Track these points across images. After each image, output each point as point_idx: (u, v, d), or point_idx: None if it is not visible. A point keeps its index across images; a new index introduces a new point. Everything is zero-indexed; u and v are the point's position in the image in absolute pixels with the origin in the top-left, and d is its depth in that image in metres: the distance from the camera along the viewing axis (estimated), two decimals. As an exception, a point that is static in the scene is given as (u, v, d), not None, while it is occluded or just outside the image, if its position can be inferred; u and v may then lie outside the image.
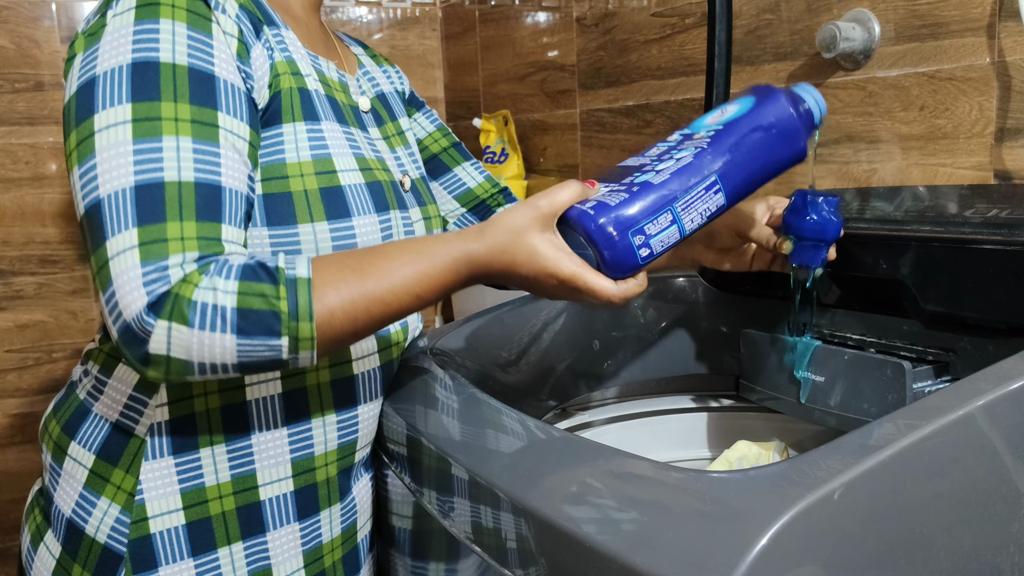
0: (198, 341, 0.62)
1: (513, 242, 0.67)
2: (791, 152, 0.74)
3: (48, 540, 0.79)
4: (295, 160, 0.75)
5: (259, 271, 0.64)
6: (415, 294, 0.68)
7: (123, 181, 0.64)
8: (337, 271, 0.66)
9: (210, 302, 0.62)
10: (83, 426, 0.78)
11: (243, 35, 0.72)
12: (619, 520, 0.53)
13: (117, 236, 0.63)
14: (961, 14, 1.00)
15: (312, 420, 0.80)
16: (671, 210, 0.68)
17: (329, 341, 0.66)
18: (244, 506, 0.78)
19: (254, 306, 0.63)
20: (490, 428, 0.71)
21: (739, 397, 1.06)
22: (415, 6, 2.17)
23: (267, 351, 0.64)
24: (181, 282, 0.62)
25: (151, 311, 0.62)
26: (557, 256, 0.67)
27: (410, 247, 0.69)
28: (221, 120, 0.68)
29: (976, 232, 0.79)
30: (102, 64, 0.67)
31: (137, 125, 0.65)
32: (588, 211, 0.67)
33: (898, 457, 0.51)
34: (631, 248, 0.67)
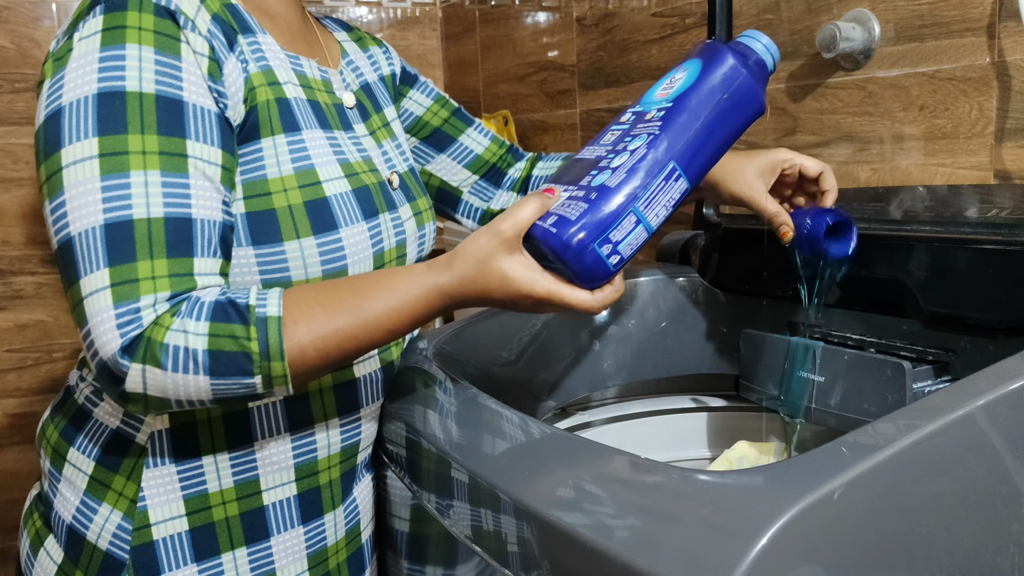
0: (172, 382, 0.64)
1: (483, 271, 0.67)
2: (748, 112, 0.71)
3: (49, 546, 0.78)
4: (277, 175, 0.73)
5: (229, 310, 0.65)
6: (387, 329, 0.68)
7: (92, 219, 0.64)
8: (308, 308, 0.66)
9: (181, 345, 0.63)
10: (82, 432, 0.78)
11: (215, 52, 0.70)
12: (619, 520, 0.53)
13: (89, 276, 0.64)
14: (961, 14, 1.00)
15: (315, 425, 0.80)
16: (633, 211, 0.66)
17: (302, 376, 0.67)
18: (247, 512, 0.77)
19: (225, 348, 0.64)
20: (490, 428, 0.71)
21: (739, 397, 1.06)
22: (415, 6, 2.17)
23: (241, 388, 0.65)
24: (153, 325, 0.63)
25: (125, 354, 0.63)
26: (530, 277, 0.67)
27: (382, 282, 0.69)
28: (190, 148, 0.67)
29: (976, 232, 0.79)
30: (68, 94, 0.66)
31: (104, 160, 0.64)
32: (551, 229, 0.66)
33: (898, 457, 0.51)
34: (600, 259, 0.65)
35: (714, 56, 0.70)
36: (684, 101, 0.69)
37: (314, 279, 0.74)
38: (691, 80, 0.70)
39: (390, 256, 0.81)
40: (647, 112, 0.71)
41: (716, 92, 0.69)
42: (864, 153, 1.14)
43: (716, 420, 1.08)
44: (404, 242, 0.83)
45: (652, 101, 0.71)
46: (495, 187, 1.05)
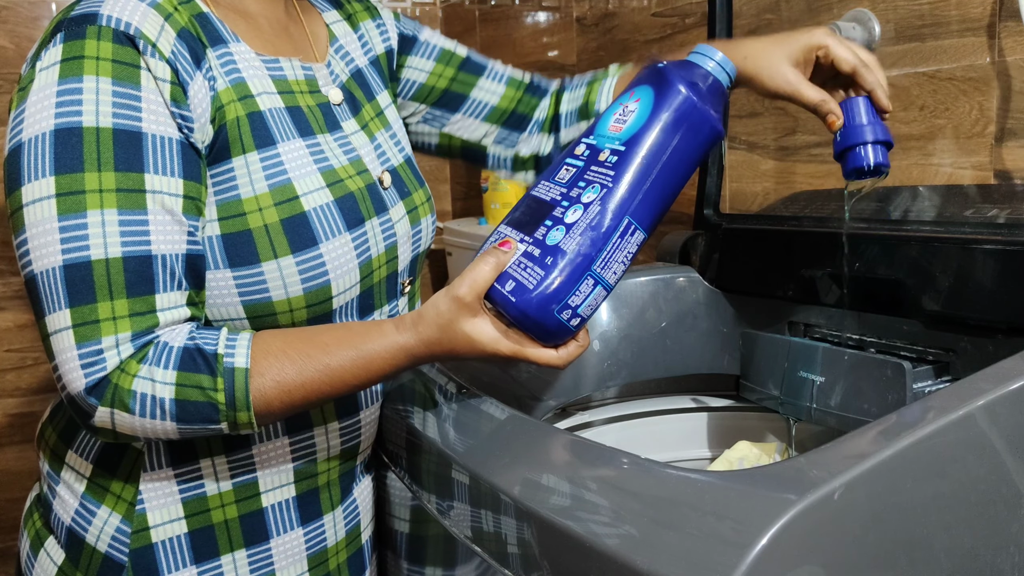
0: (140, 425, 0.66)
1: (447, 335, 0.68)
2: (705, 142, 0.68)
3: (49, 547, 0.78)
4: (251, 194, 0.72)
5: (197, 359, 0.66)
6: (352, 385, 0.70)
7: (52, 260, 0.65)
8: (276, 360, 0.67)
9: (149, 393, 0.65)
10: (80, 434, 0.78)
11: (178, 75, 0.68)
12: (619, 520, 0.53)
13: (52, 315, 0.65)
14: (961, 14, 1.00)
15: (314, 428, 0.79)
16: (590, 274, 0.65)
17: (268, 420, 0.69)
18: (246, 514, 0.77)
19: (192, 398, 0.66)
20: (490, 429, 0.71)
21: (739, 397, 1.06)
22: (415, 6, 2.17)
23: (208, 432, 0.68)
24: (118, 370, 0.65)
25: (91, 395, 0.65)
26: (494, 338, 0.68)
27: (350, 340, 0.70)
28: (149, 182, 0.67)
29: (976, 232, 0.79)
30: (27, 130, 0.66)
31: (61, 200, 0.64)
32: (510, 297, 0.66)
33: (898, 457, 0.51)
34: (561, 324, 0.66)
35: (666, 88, 0.67)
36: (636, 144, 0.66)
37: (295, 299, 0.73)
38: (644, 116, 0.67)
39: (379, 263, 0.79)
40: (601, 150, 0.69)
41: (670, 131, 0.66)
42: (864, 153, 1.14)
43: (716, 420, 1.08)
44: (395, 245, 0.82)
45: (605, 136, 0.69)
46: (519, 132, 1.00)
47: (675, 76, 0.68)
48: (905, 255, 0.84)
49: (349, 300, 0.78)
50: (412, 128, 0.99)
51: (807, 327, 0.98)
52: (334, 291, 0.75)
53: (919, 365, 0.82)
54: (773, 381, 0.92)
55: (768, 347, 0.93)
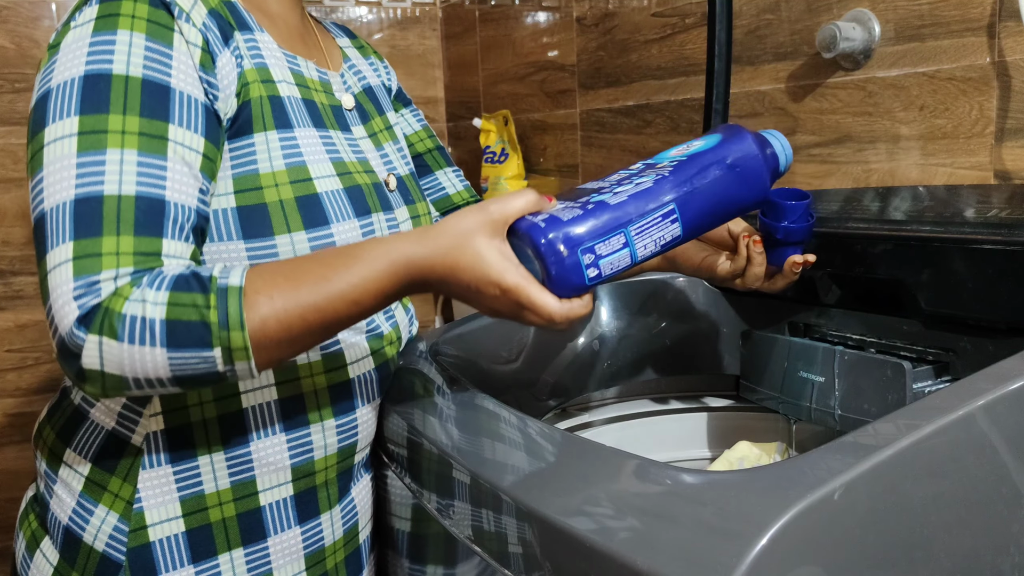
0: (128, 355, 0.61)
1: (459, 245, 0.63)
2: (752, 193, 0.72)
3: (45, 547, 0.78)
4: (268, 170, 0.73)
5: (192, 281, 0.63)
6: (352, 300, 0.64)
7: (64, 195, 0.64)
8: (271, 278, 0.64)
9: (139, 315, 0.61)
10: (78, 433, 0.78)
11: (208, 44, 0.70)
12: (619, 520, 0.53)
13: (54, 250, 0.63)
14: (961, 14, 1.00)
15: (311, 426, 0.80)
16: (624, 232, 0.65)
17: (265, 351, 0.64)
18: (244, 512, 0.77)
19: (183, 317, 0.61)
20: (490, 428, 0.71)
21: (739, 397, 1.06)
22: (415, 6, 2.17)
23: (200, 363, 0.62)
24: (112, 295, 0.62)
25: (81, 325, 0.61)
26: (503, 265, 0.63)
27: (348, 251, 0.66)
28: (172, 133, 0.67)
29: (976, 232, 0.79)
30: (56, 77, 0.67)
31: (82, 138, 0.64)
32: (539, 223, 0.65)
33: (898, 457, 0.51)
34: (579, 266, 0.64)
35: (734, 133, 0.73)
36: (697, 159, 0.70)
37: None
38: (709, 146, 0.72)
39: None
40: (659, 163, 0.72)
41: (729, 161, 0.70)
42: (864, 153, 1.14)
43: (716, 420, 1.08)
44: None
45: (667, 156, 0.73)
46: None
47: (744, 131, 0.73)
48: (905, 255, 0.84)
49: None
50: None
51: (807, 327, 0.98)
52: None
53: (919, 365, 0.82)
54: (773, 381, 0.92)
55: (768, 347, 0.93)
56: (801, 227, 0.80)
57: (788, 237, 0.80)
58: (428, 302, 2.20)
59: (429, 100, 2.22)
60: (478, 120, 1.92)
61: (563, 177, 1.81)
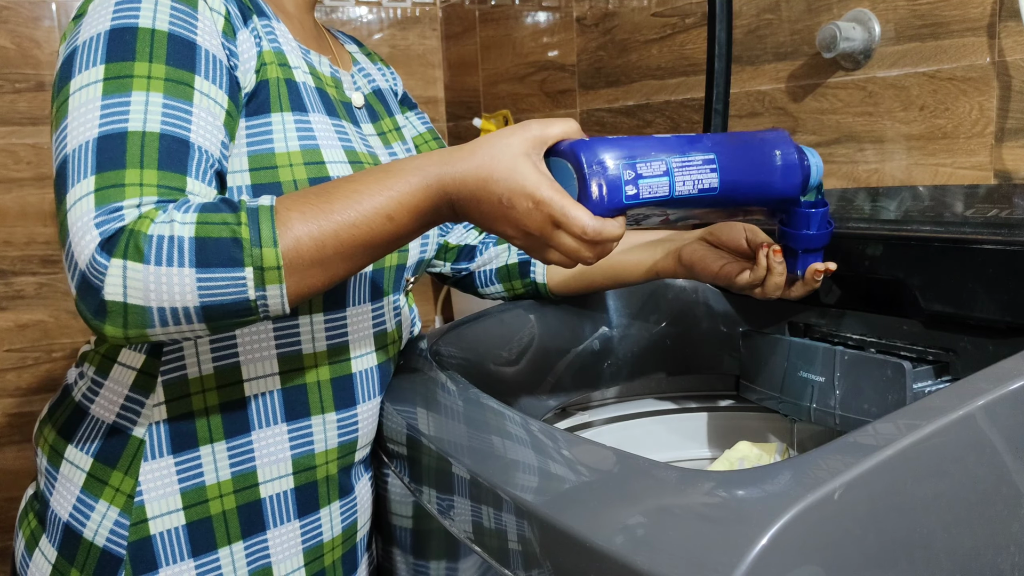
0: (155, 278, 0.58)
1: (495, 156, 0.62)
2: (784, 186, 0.73)
3: (43, 545, 0.78)
4: (284, 150, 0.74)
5: (220, 204, 0.61)
6: (385, 215, 0.63)
7: (87, 134, 0.63)
8: (301, 197, 0.63)
9: (167, 234, 0.58)
10: (80, 429, 0.78)
11: (230, 16, 0.72)
12: (619, 520, 0.53)
13: (75, 186, 0.61)
14: (961, 14, 1.00)
15: (312, 418, 0.80)
16: (666, 161, 0.66)
17: (298, 273, 0.61)
18: (244, 504, 0.78)
19: (214, 234, 0.59)
20: (490, 428, 0.71)
21: (739, 397, 1.06)
22: (415, 6, 2.17)
23: (231, 286, 0.59)
24: (137, 219, 0.59)
25: (103, 250, 0.58)
26: (537, 177, 0.62)
27: (380, 168, 0.65)
28: (198, 83, 0.67)
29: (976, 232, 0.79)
30: (83, 35, 0.67)
31: (108, 83, 0.64)
32: (581, 140, 0.65)
33: (898, 457, 0.51)
34: (618, 180, 0.64)
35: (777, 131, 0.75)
36: (741, 134, 0.73)
37: None
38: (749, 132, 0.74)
39: None
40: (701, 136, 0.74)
41: (770, 146, 0.72)
42: (864, 153, 1.15)
43: (716, 420, 1.08)
44: None
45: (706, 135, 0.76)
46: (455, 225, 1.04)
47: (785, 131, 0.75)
48: (905, 255, 0.84)
49: (363, 273, 0.81)
50: None
51: (807, 327, 0.98)
52: None
53: (919, 365, 0.82)
54: (773, 381, 0.92)
55: (768, 347, 0.93)
56: (820, 234, 0.80)
57: (808, 245, 0.80)
58: (428, 302, 2.20)
59: (429, 100, 2.22)
60: (478, 120, 1.92)
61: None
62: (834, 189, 1.16)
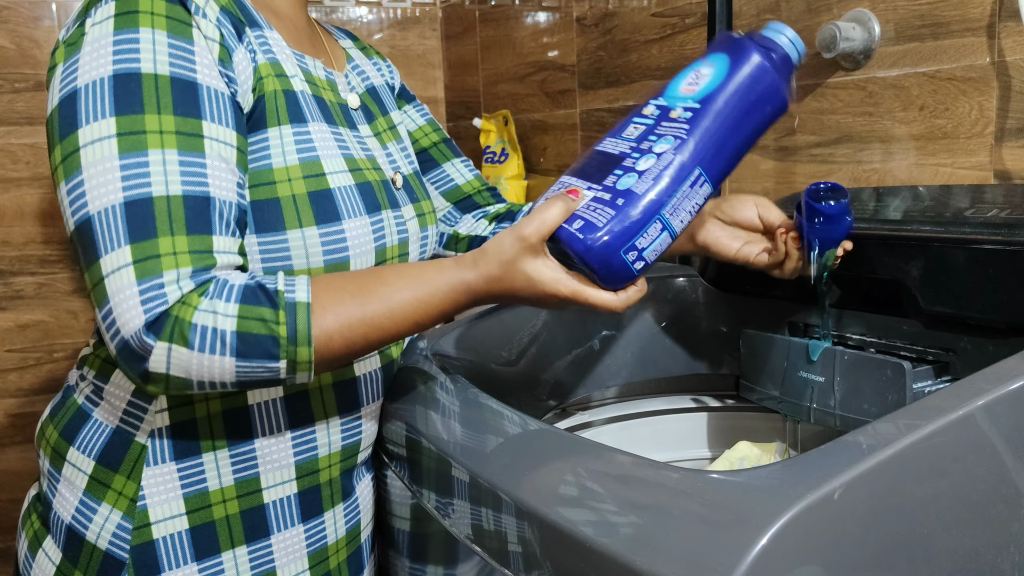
0: (197, 362, 0.64)
1: (508, 272, 0.68)
2: (774, 109, 0.70)
3: (47, 547, 0.78)
4: (282, 165, 0.74)
5: (259, 294, 0.65)
6: (413, 321, 0.69)
7: (112, 197, 0.64)
8: (336, 295, 0.67)
9: (210, 325, 0.64)
10: (82, 431, 0.78)
11: (224, 39, 0.71)
12: (619, 520, 0.53)
13: (111, 254, 0.64)
14: (961, 14, 1.00)
15: (316, 424, 0.80)
16: (659, 218, 0.67)
17: (326, 363, 0.68)
18: (248, 509, 0.78)
19: (253, 330, 0.64)
20: (490, 428, 0.71)
21: (739, 397, 1.06)
22: (415, 6, 2.17)
23: (265, 372, 0.66)
24: (180, 304, 0.64)
25: (150, 331, 0.63)
26: (555, 278, 0.68)
27: (409, 273, 0.70)
28: (206, 129, 0.68)
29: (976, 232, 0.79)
30: (83, 76, 0.67)
31: (122, 139, 0.65)
32: (577, 234, 0.66)
33: (898, 457, 0.51)
34: (625, 265, 0.66)
35: (742, 53, 0.69)
36: (711, 102, 0.68)
37: (315, 270, 0.74)
38: (719, 79, 0.69)
39: (392, 253, 0.81)
40: (672, 109, 0.70)
41: (743, 93, 0.68)
42: (864, 153, 1.14)
43: (716, 420, 1.08)
44: (406, 240, 0.83)
45: (677, 97, 0.71)
46: (465, 215, 1.04)
47: (751, 44, 0.70)
48: (905, 255, 0.84)
49: None
50: None
51: (807, 327, 0.98)
52: (352, 268, 0.76)
53: (919, 365, 0.82)
54: (773, 381, 0.92)
55: (768, 347, 0.93)
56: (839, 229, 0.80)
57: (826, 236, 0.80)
58: (428, 302, 2.20)
59: (429, 100, 2.22)
60: (478, 120, 1.92)
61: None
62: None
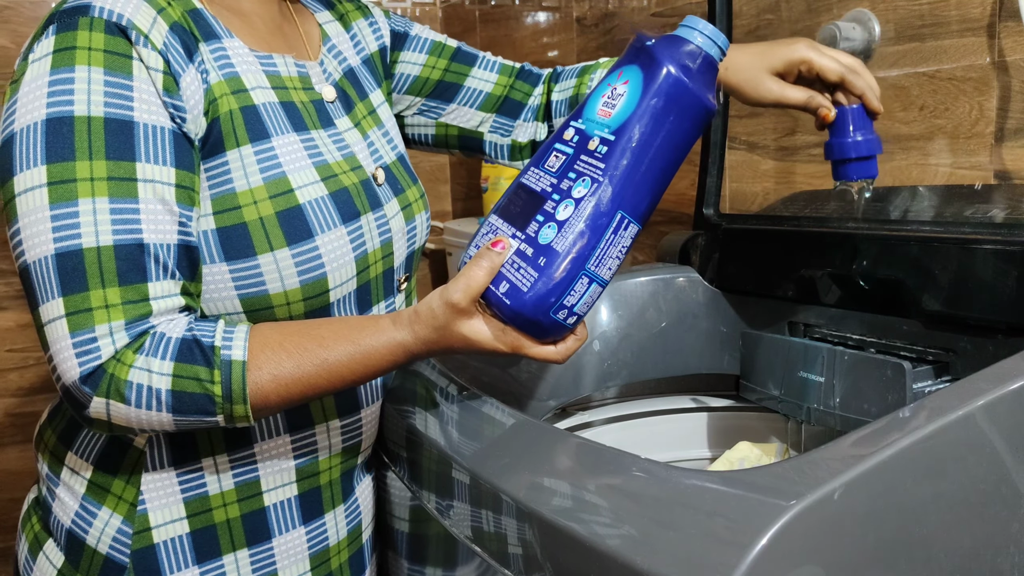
0: (136, 415, 0.66)
1: (444, 336, 0.68)
2: (696, 122, 0.65)
3: (48, 550, 0.78)
4: (245, 187, 0.72)
5: (195, 350, 0.66)
6: (349, 380, 0.70)
7: (44, 249, 0.65)
8: (273, 354, 0.68)
9: (145, 383, 0.65)
10: (80, 436, 0.78)
11: (170, 66, 0.69)
12: (620, 520, 0.53)
13: (45, 304, 0.65)
14: (961, 14, 1.00)
15: (315, 426, 0.80)
16: (585, 273, 0.64)
17: (264, 414, 0.69)
18: (248, 513, 0.77)
19: (188, 389, 0.66)
20: (490, 429, 0.71)
21: (739, 397, 1.06)
22: (415, 6, 2.17)
23: (204, 424, 0.68)
24: (114, 360, 0.65)
25: (85, 384, 0.65)
26: (491, 337, 0.68)
27: (347, 334, 0.69)
28: (140, 171, 0.67)
29: (976, 232, 0.79)
30: (19, 120, 0.66)
31: (52, 189, 0.65)
32: (504, 299, 0.65)
33: (898, 457, 0.51)
34: (556, 323, 0.66)
35: (655, 69, 0.64)
36: (626, 132, 0.64)
37: (292, 291, 0.73)
38: (632, 102, 0.64)
39: (375, 257, 0.80)
40: (590, 138, 0.67)
41: (660, 116, 0.64)
42: (864, 153, 1.14)
43: (716, 420, 1.08)
44: (390, 241, 0.82)
45: (595, 120, 0.67)
46: (514, 119, 1.00)
47: (664, 56, 0.64)
48: (905, 255, 0.84)
49: (346, 294, 0.78)
50: (408, 121, 1.00)
51: (807, 327, 0.98)
52: (331, 284, 0.75)
53: (919, 365, 0.82)
54: (773, 381, 0.92)
55: (768, 347, 0.93)
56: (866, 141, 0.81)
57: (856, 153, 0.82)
58: (428, 302, 2.20)
59: (429, 100, 2.22)
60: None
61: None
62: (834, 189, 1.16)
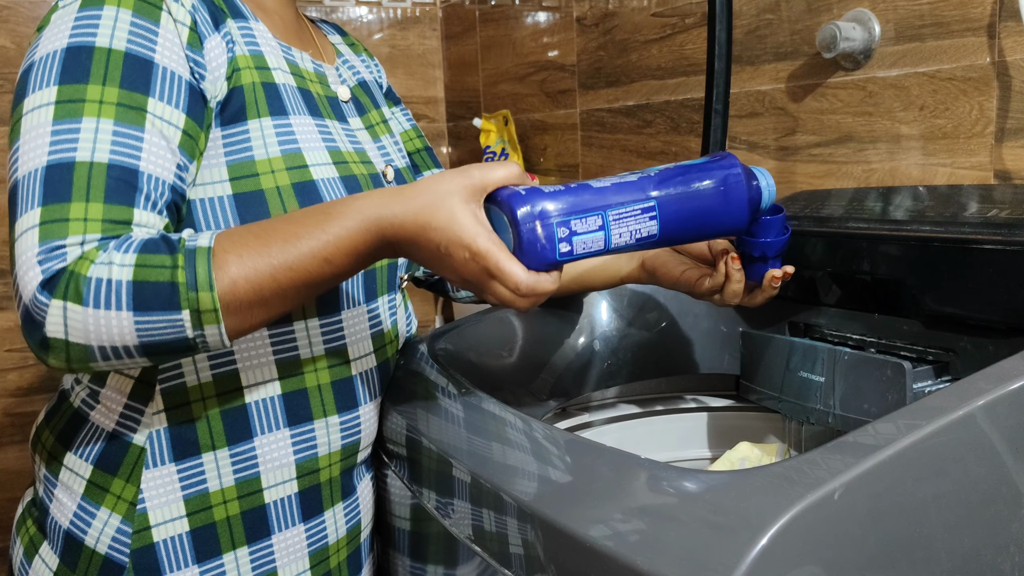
0: (94, 321, 0.59)
1: (434, 203, 0.62)
2: (731, 216, 0.72)
3: (44, 552, 0.78)
4: (264, 156, 0.73)
5: (160, 244, 0.62)
6: (323, 258, 0.63)
7: (37, 162, 0.63)
8: (240, 238, 0.63)
9: (105, 277, 0.59)
10: (78, 436, 0.77)
11: (197, 25, 0.70)
12: (619, 520, 0.53)
13: (22, 216, 0.62)
14: (961, 14, 1.00)
15: (315, 422, 0.80)
16: (602, 215, 0.66)
17: (236, 314, 0.62)
18: (248, 510, 0.77)
19: (151, 278, 0.60)
20: (490, 428, 0.71)
21: (739, 397, 1.06)
22: (415, 6, 2.17)
23: (168, 327, 0.60)
24: (78, 259, 0.60)
25: (45, 289, 0.60)
26: (475, 228, 0.62)
27: (320, 208, 0.65)
28: (151, 106, 0.66)
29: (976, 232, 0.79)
30: (40, 51, 0.67)
31: (59, 107, 0.64)
32: (519, 192, 0.65)
33: (898, 457, 0.51)
34: (552, 239, 0.64)
35: (723, 157, 0.74)
36: (684, 169, 0.72)
37: None
38: (696, 163, 0.73)
39: None
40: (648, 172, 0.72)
41: (714, 178, 0.71)
42: (864, 153, 1.15)
43: (716, 420, 1.08)
44: None
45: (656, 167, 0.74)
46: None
47: (736, 159, 0.74)
48: (905, 255, 0.84)
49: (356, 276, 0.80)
50: None
51: (807, 327, 0.98)
52: None
53: (919, 365, 0.82)
54: (773, 381, 0.92)
55: (768, 347, 0.93)
56: (777, 242, 0.80)
57: (765, 252, 0.81)
58: (428, 302, 2.20)
59: (429, 100, 2.22)
60: (478, 120, 1.92)
61: (563, 177, 1.81)
62: (834, 189, 1.16)
